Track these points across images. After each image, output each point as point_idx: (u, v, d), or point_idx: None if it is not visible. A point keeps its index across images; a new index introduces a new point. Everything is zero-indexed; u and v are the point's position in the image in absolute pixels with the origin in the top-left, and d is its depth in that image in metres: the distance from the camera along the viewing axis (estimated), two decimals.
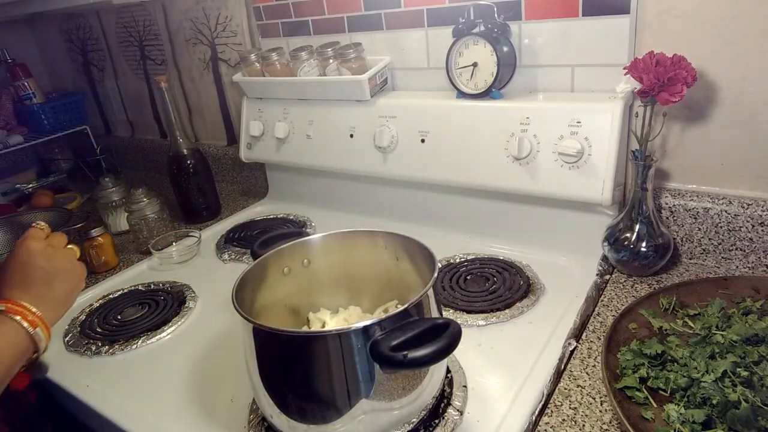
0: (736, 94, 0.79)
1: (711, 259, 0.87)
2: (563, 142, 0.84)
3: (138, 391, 0.75)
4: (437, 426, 0.60)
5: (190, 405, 0.71)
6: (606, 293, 0.83)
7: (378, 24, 1.08)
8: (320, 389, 0.53)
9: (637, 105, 0.82)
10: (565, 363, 0.70)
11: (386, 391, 0.54)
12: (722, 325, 0.66)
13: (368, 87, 1.05)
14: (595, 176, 0.83)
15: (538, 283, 0.86)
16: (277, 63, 1.15)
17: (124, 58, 1.70)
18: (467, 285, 0.87)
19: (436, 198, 1.08)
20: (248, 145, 1.29)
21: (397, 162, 1.05)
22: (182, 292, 0.98)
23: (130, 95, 1.78)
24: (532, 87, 0.95)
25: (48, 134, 1.69)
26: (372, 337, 0.51)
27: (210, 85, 1.48)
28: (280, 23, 1.23)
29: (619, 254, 0.84)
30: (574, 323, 0.76)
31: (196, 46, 1.45)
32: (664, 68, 0.73)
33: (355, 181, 1.18)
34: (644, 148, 0.81)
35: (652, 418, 0.56)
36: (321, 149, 1.16)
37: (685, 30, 0.79)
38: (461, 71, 0.95)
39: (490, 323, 0.78)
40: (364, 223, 1.10)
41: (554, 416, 0.61)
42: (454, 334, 0.50)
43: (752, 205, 0.81)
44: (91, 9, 1.67)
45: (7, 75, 1.70)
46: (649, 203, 0.82)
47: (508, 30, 0.91)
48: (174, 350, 0.84)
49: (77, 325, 0.92)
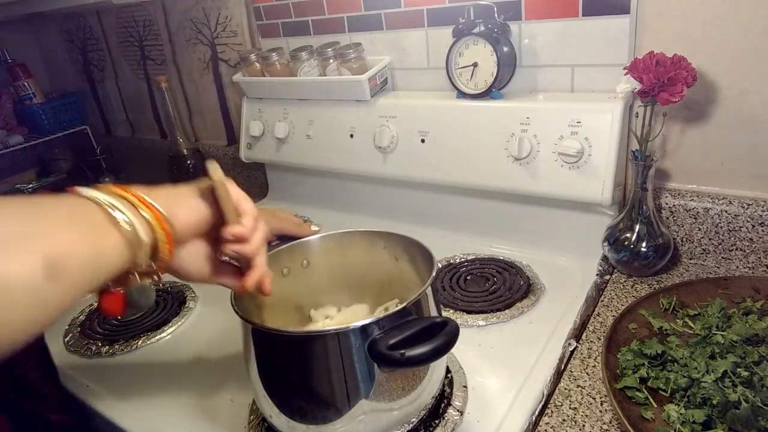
0: (736, 94, 0.79)
1: (711, 259, 0.87)
2: (563, 142, 0.84)
3: (138, 392, 0.75)
4: (437, 426, 0.60)
5: (190, 405, 0.71)
6: (606, 293, 0.83)
7: (378, 24, 1.08)
8: (319, 389, 0.53)
9: (637, 105, 0.82)
10: (565, 363, 0.70)
11: (386, 391, 0.54)
12: (722, 325, 0.66)
13: (368, 87, 1.05)
14: (595, 176, 0.83)
15: (538, 284, 0.85)
16: (277, 63, 1.15)
17: (124, 58, 1.70)
18: (467, 285, 0.87)
19: (436, 198, 1.08)
20: (248, 145, 1.29)
21: (397, 162, 1.05)
22: (182, 293, 0.98)
23: (130, 95, 1.78)
24: (532, 87, 0.95)
25: (48, 134, 1.69)
26: (370, 336, 0.51)
27: (210, 85, 1.48)
28: (280, 23, 1.23)
29: (619, 254, 0.84)
30: (574, 323, 0.76)
31: (196, 46, 1.45)
32: (664, 68, 0.73)
33: (355, 181, 1.18)
34: (644, 148, 0.81)
35: (652, 419, 0.56)
36: (321, 149, 1.16)
37: (685, 30, 0.79)
38: (461, 71, 0.95)
39: (490, 323, 0.78)
40: (364, 223, 1.10)
41: (554, 416, 0.61)
42: (451, 332, 0.50)
43: (752, 205, 0.81)
44: (91, 9, 1.66)
45: (7, 75, 1.70)
46: (649, 203, 0.82)
47: (508, 30, 0.91)
48: (174, 350, 0.84)
49: (77, 326, 0.92)
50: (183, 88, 1.57)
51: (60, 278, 0.36)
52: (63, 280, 0.36)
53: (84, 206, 0.42)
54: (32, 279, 0.34)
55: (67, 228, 0.39)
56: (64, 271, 0.36)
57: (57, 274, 0.36)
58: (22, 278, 0.34)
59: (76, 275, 0.37)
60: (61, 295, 0.36)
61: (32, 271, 0.34)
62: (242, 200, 0.52)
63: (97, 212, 0.42)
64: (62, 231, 0.38)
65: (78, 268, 0.38)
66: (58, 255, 0.36)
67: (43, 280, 0.35)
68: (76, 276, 0.37)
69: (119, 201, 0.43)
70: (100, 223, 0.42)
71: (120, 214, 0.43)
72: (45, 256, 0.35)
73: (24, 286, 0.34)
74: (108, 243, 0.41)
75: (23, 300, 0.34)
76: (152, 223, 0.45)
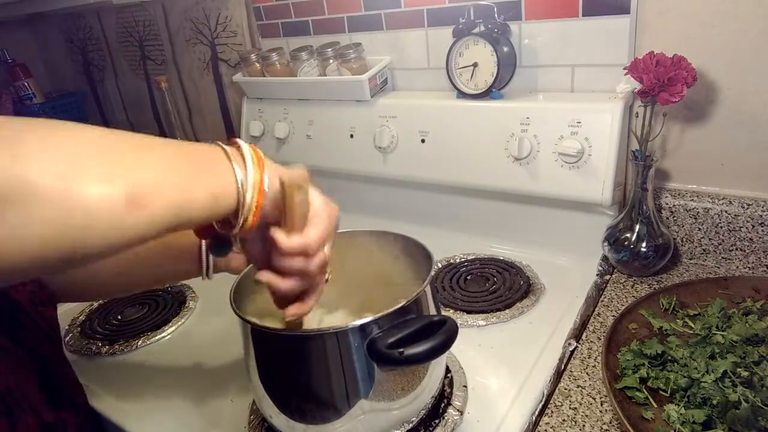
0: (736, 94, 0.79)
1: (711, 260, 0.87)
2: (563, 143, 0.84)
3: (138, 392, 0.75)
4: (437, 426, 0.60)
5: (190, 405, 0.71)
6: (606, 293, 0.83)
7: (378, 24, 1.08)
8: (319, 389, 0.53)
9: (637, 105, 0.82)
10: (565, 363, 0.70)
11: (385, 390, 0.54)
12: (722, 325, 0.66)
13: (368, 87, 1.05)
14: (595, 176, 0.83)
15: (538, 284, 0.85)
16: (277, 63, 1.15)
17: (124, 58, 1.70)
18: (467, 285, 0.87)
19: (436, 198, 1.08)
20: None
21: (397, 162, 1.05)
22: (182, 292, 0.98)
23: (130, 95, 1.78)
24: (532, 87, 0.95)
25: None
26: (369, 335, 0.51)
27: (210, 85, 1.48)
28: (280, 23, 1.23)
29: (620, 254, 0.84)
30: (574, 323, 0.76)
31: (196, 46, 1.45)
32: (664, 68, 0.73)
33: (355, 181, 1.18)
34: (644, 148, 0.81)
35: (653, 419, 0.56)
36: (321, 149, 1.16)
37: (685, 30, 0.79)
38: (461, 71, 0.95)
39: (491, 323, 0.78)
40: (364, 223, 1.10)
41: (554, 416, 0.61)
42: (450, 330, 0.50)
43: (752, 206, 0.81)
44: (91, 9, 1.66)
45: (7, 75, 1.70)
46: (649, 203, 0.82)
47: (508, 30, 0.91)
48: (174, 350, 0.84)
49: (77, 326, 0.92)
50: (183, 88, 1.57)
51: (141, 211, 0.37)
52: (144, 213, 0.37)
53: (207, 152, 0.42)
54: (112, 206, 0.35)
55: (164, 167, 0.39)
56: (146, 206, 0.37)
57: (138, 206, 0.36)
58: (102, 203, 0.35)
59: (158, 213, 0.38)
60: (141, 227, 0.37)
61: (113, 199, 0.35)
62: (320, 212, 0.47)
63: (219, 161, 0.42)
64: (158, 169, 0.39)
65: (161, 208, 0.38)
66: (143, 189, 0.37)
67: (123, 209, 0.36)
68: (158, 214, 0.38)
69: (252, 159, 0.43)
70: (212, 170, 0.41)
71: (240, 172, 0.42)
72: (130, 186, 0.36)
73: (103, 211, 0.35)
74: (203, 187, 0.40)
75: (101, 224, 0.35)
76: (255, 187, 0.43)
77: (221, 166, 0.42)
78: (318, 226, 0.47)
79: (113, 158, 0.37)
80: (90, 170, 0.35)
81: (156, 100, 1.70)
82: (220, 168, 0.42)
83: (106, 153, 0.37)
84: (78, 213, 0.34)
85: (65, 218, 0.34)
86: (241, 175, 0.42)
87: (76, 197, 0.34)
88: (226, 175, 0.42)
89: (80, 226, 0.34)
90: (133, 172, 0.37)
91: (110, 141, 0.38)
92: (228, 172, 0.42)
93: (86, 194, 0.34)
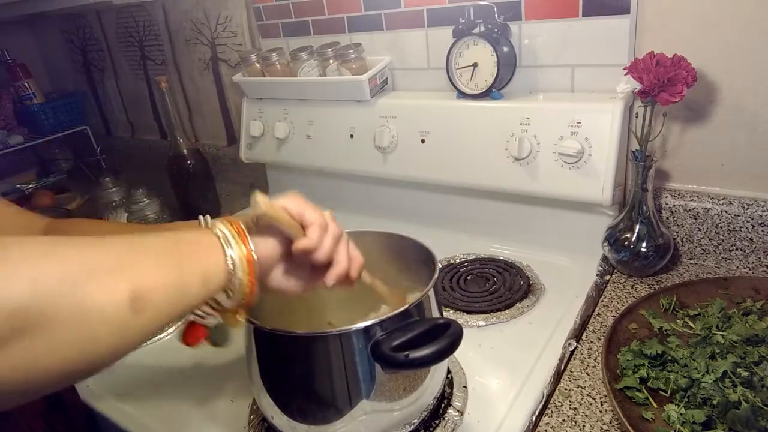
0: (736, 94, 0.79)
1: (711, 260, 0.87)
2: (563, 143, 0.84)
3: (138, 392, 0.75)
4: (438, 426, 0.60)
5: (190, 405, 0.71)
6: (606, 293, 0.83)
7: (378, 24, 1.08)
8: (321, 390, 0.53)
9: (637, 105, 0.82)
10: (565, 363, 0.70)
11: (387, 391, 0.54)
12: (722, 325, 0.66)
13: (368, 87, 1.05)
14: (595, 176, 0.83)
15: (538, 284, 0.86)
16: (278, 63, 1.15)
17: (124, 58, 1.70)
18: (467, 285, 0.87)
19: (436, 198, 1.08)
20: (248, 145, 1.29)
21: (397, 162, 1.05)
22: None
23: (130, 95, 1.78)
24: (532, 87, 0.95)
25: (48, 134, 1.69)
26: (373, 337, 0.51)
27: (210, 85, 1.48)
28: (280, 23, 1.23)
29: (620, 254, 0.84)
30: (575, 323, 0.76)
31: (196, 46, 1.45)
32: (664, 68, 0.73)
33: (355, 182, 1.18)
34: (644, 149, 0.81)
35: (653, 419, 0.56)
36: (321, 149, 1.16)
37: (685, 30, 0.79)
38: (461, 71, 0.95)
39: (491, 324, 0.78)
40: (364, 223, 1.10)
41: (554, 416, 0.61)
42: (455, 334, 0.50)
43: (752, 206, 0.81)
44: (91, 9, 1.66)
45: (7, 75, 1.70)
46: (649, 203, 0.82)
47: (509, 30, 0.91)
48: (174, 350, 0.83)
49: None
50: (183, 88, 1.57)
51: (145, 310, 0.37)
52: (148, 311, 0.37)
53: (193, 237, 0.44)
54: (117, 311, 0.35)
55: (155, 260, 0.39)
56: (149, 303, 0.37)
57: (143, 306, 0.36)
58: (107, 310, 0.35)
59: (161, 306, 0.38)
60: (145, 326, 0.37)
61: (118, 303, 0.35)
62: (305, 212, 0.51)
63: (208, 245, 0.44)
64: (152, 263, 0.39)
65: (164, 301, 0.38)
66: (144, 287, 0.37)
67: (128, 312, 0.36)
68: (161, 307, 0.38)
69: (232, 235, 0.45)
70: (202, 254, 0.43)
71: (230, 250, 0.44)
72: (132, 288, 0.36)
73: (109, 317, 0.35)
74: (194, 273, 0.42)
75: (107, 330, 0.35)
76: (243, 260, 0.45)
77: (211, 250, 0.44)
78: (313, 214, 0.51)
79: (111, 259, 0.37)
80: (95, 281, 0.35)
81: (156, 100, 1.70)
82: (210, 251, 0.44)
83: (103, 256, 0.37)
84: (94, 324, 0.34)
85: (82, 333, 0.33)
86: (229, 251, 0.45)
87: (89, 309, 0.34)
88: (214, 254, 0.44)
89: (92, 337, 0.34)
90: (130, 271, 0.37)
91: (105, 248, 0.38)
92: (215, 250, 0.44)
93: (97, 303, 0.34)
